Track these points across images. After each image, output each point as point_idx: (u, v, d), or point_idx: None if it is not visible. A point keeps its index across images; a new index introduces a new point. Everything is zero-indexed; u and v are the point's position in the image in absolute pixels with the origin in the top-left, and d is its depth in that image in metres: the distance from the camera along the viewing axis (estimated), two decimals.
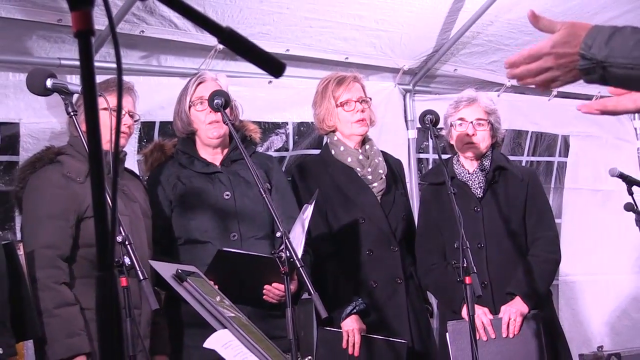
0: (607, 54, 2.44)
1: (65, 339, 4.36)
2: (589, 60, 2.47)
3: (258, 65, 2.10)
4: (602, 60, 2.45)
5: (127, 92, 4.83)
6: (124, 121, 4.78)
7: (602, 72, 2.48)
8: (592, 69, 2.48)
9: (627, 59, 2.41)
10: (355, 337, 5.17)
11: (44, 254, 4.45)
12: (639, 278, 8.37)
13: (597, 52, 2.46)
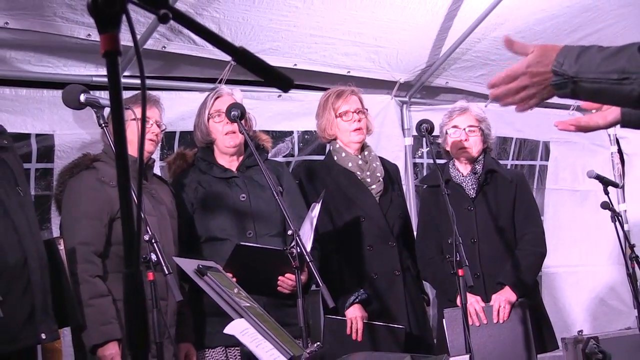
0: (577, 70, 2.47)
1: (99, 327, 4.38)
2: (561, 76, 2.50)
3: (269, 82, 2.10)
4: (573, 75, 2.48)
5: (154, 104, 4.85)
6: (152, 130, 4.81)
7: (573, 86, 2.50)
8: (564, 84, 2.51)
9: (595, 73, 2.44)
10: (359, 324, 5.19)
11: (81, 250, 4.49)
12: (614, 269, 8.36)
13: (568, 69, 2.49)
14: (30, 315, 4.07)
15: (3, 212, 4.08)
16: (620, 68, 2.42)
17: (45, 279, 4.23)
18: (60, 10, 5.17)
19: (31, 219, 4.28)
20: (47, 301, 4.21)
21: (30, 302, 4.07)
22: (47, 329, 4.17)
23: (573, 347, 8.01)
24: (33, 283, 4.11)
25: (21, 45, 5.32)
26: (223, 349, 4.84)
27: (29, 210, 4.32)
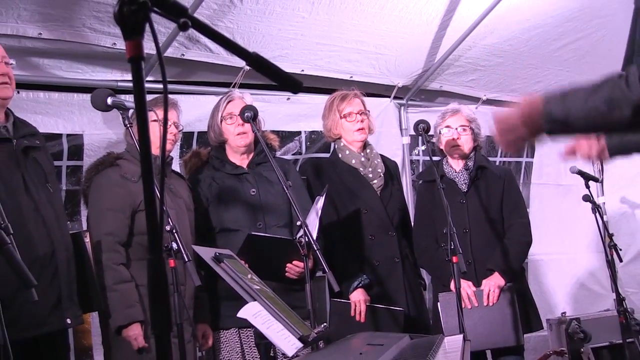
0: (567, 113, 2.49)
1: (123, 309, 4.41)
2: (553, 121, 2.52)
3: (280, 84, 2.10)
4: (564, 118, 2.50)
5: (173, 107, 4.87)
6: (170, 130, 4.82)
7: (565, 128, 2.55)
8: (556, 127, 2.55)
9: (584, 110, 2.46)
10: (362, 306, 5.21)
11: (106, 240, 4.51)
12: (594, 256, 8.35)
13: (558, 113, 2.51)
14: (57, 302, 4.10)
15: (34, 207, 4.09)
16: (606, 98, 2.43)
17: (71, 269, 4.26)
18: (88, 21, 5.19)
19: (59, 214, 4.31)
20: (72, 289, 4.24)
21: (57, 290, 4.10)
22: (72, 314, 4.21)
23: (557, 327, 8.03)
24: (60, 273, 4.14)
25: (53, 53, 5.33)
26: (236, 330, 4.83)
27: (57, 205, 4.34)
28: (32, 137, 4.31)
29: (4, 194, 3.91)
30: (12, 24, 4.95)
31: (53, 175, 4.47)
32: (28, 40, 5.06)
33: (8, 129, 4.16)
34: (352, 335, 3.97)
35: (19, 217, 3.95)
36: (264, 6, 5.73)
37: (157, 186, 1.93)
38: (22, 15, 4.95)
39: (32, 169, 4.19)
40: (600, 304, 8.62)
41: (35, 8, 4.94)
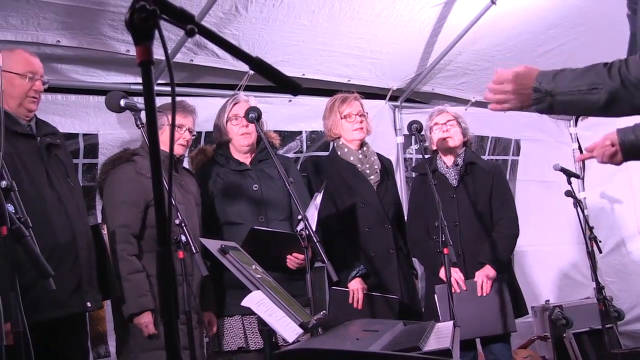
0: (554, 87, 2.59)
1: (135, 298, 4.41)
2: (541, 92, 2.61)
3: (281, 86, 2.09)
4: (550, 90, 2.59)
5: (190, 113, 4.88)
6: (184, 136, 4.82)
7: (550, 99, 2.61)
8: (543, 99, 2.62)
9: (568, 87, 2.55)
10: (359, 294, 5.20)
11: (120, 232, 4.51)
12: (575, 248, 8.36)
13: (547, 86, 2.60)
14: (78, 287, 4.13)
15: (57, 198, 4.16)
16: (589, 81, 2.52)
17: (91, 256, 4.30)
18: (104, 29, 5.20)
19: (80, 205, 4.36)
20: (92, 275, 4.28)
21: (78, 275, 4.13)
22: (92, 298, 4.24)
23: (541, 314, 8.04)
24: (80, 259, 4.17)
25: (71, 59, 5.33)
26: (240, 317, 4.82)
27: (78, 197, 4.37)
28: (53, 135, 4.40)
29: (29, 186, 3.98)
30: (32, 32, 4.95)
31: (72, 170, 4.52)
32: (47, 47, 5.06)
33: (32, 127, 4.27)
34: (350, 322, 3.95)
35: (43, 208, 4.03)
36: (267, 15, 5.72)
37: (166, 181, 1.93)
38: (41, 24, 4.95)
39: (54, 164, 4.28)
40: (581, 292, 8.64)
41: (54, 17, 4.94)
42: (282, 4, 5.70)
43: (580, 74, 2.55)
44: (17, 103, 4.18)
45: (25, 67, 4.22)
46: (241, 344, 4.81)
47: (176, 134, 4.58)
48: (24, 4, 4.75)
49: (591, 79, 2.51)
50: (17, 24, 4.86)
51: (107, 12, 5.05)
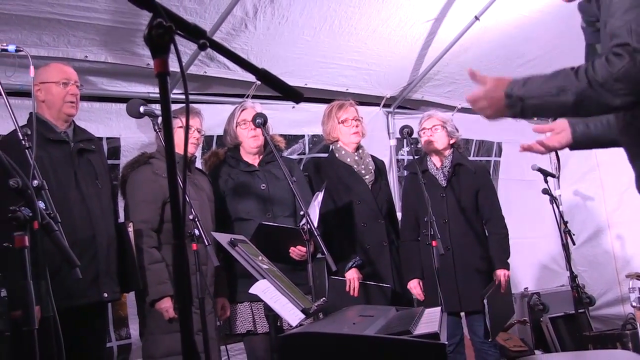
0: (524, 92, 2.57)
1: (156, 286, 4.44)
2: (512, 98, 2.59)
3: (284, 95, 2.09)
4: (521, 96, 2.57)
5: (197, 115, 4.89)
6: (194, 135, 4.83)
7: (521, 104, 2.59)
8: (515, 104, 2.60)
9: (538, 92, 2.54)
10: (355, 283, 5.19)
11: (140, 227, 4.53)
12: (551, 240, 8.33)
13: (517, 92, 2.58)
14: (95, 279, 4.17)
15: (81, 199, 4.20)
16: (557, 85, 2.49)
17: (111, 253, 4.32)
18: (126, 46, 5.22)
19: (104, 206, 4.38)
20: (111, 269, 4.31)
21: (96, 269, 4.17)
22: (110, 290, 4.27)
23: (520, 300, 8.06)
24: (99, 255, 4.21)
25: (97, 72, 5.34)
26: (249, 304, 4.83)
27: (104, 199, 4.39)
28: (88, 141, 4.46)
29: (56, 187, 3.99)
30: (63, 48, 4.97)
31: (104, 174, 4.52)
32: (76, 62, 5.05)
33: (68, 134, 4.33)
34: (347, 308, 3.95)
35: (66, 207, 4.05)
36: (274, 31, 5.73)
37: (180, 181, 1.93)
38: (71, 41, 4.97)
39: (84, 167, 4.32)
40: (556, 281, 8.65)
41: (82, 34, 4.96)
42: (287, 21, 5.71)
43: (549, 78, 2.53)
44: (57, 109, 4.28)
45: (59, 75, 4.31)
46: (250, 327, 4.81)
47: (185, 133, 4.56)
48: (55, 23, 4.77)
49: (559, 82, 2.50)
50: (50, 41, 4.87)
51: (129, 29, 5.06)
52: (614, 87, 2.39)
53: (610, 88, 2.40)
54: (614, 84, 2.38)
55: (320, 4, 5.74)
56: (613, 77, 2.38)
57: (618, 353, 4.81)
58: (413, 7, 6.21)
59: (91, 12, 4.84)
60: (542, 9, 6.71)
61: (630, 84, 2.37)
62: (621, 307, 8.56)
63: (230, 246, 3.65)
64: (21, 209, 2.53)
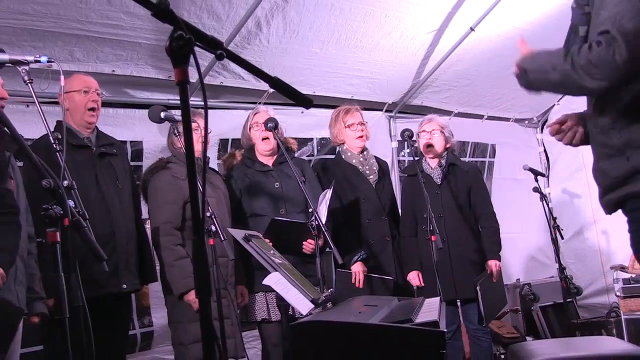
0: (528, 66, 2.66)
1: (182, 280, 4.42)
2: (521, 70, 2.69)
3: (295, 101, 2.09)
4: (526, 69, 2.67)
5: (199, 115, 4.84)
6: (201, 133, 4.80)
7: (526, 77, 2.67)
8: (523, 75, 2.69)
9: (537, 67, 2.63)
10: (360, 275, 5.19)
11: (165, 227, 4.53)
12: (542, 235, 8.32)
13: (525, 64, 2.68)
14: (115, 271, 4.18)
15: (101, 198, 4.23)
16: (552, 62, 2.57)
17: (130, 247, 4.33)
18: (149, 60, 5.25)
19: (124, 205, 4.39)
20: (130, 263, 4.32)
21: (115, 262, 4.16)
22: (129, 282, 4.29)
23: (513, 291, 8.05)
24: (118, 249, 4.22)
25: (122, 83, 5.37)
26: (263, 294, 4.82)
27: (123, 198, 4.39)
28: (110, 146, 4.47)
29: (78, 188, 3.91)
30: (92, 63, 5.00)
31: (124, 176, 4.51)
32: (104, 75, 5.10)
33: (91, 139, 4.36)
34: (353, 298, 3.95)
35: (88, 206, 3.96)
36: (285, 44, 5.75)
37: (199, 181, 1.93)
38: (99, 57, 5.00)
39: (105, 170, 4.33)
40: (546, 272, 8.64)
41: (109, 50, 4.99)
42: (298, 35, 5.72)
43: (549, 55, 2.61)
44: (79, 117, 4.31)
45: (80, 84, 4.34)
46: (265, 315, 4.81)
47: (195, 135, 4.53)
48: (84, 40, 4.80)
49: (554, 60, 2.56)
50: (80, 56, 4.90)
51: (151, 45, 5.08)
52: (590, 71, 2.43)
53: (588, 71, 2.44)
54: (591, 68, 2.43)
55: (327, 19, 5.75)
56: (591, 62, 2.42)
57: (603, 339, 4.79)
58: (413, 21, 6.24)
59: (117, 29, 4.86)
60: (532, 21, 6.73)
61: (604, 69, 2.41)
62: (606, 296, 8.57)
63: (244, 241, 3.66)
64: (53, 207, 2.56)
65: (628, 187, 2.56)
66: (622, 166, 2.56)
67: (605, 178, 2.66)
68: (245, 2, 5.18)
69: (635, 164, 2.52)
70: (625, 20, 2.39)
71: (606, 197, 2.67)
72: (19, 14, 4.36)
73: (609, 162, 2.62)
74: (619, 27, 2.39)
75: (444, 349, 2.52)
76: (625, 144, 2.55)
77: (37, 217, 3.57)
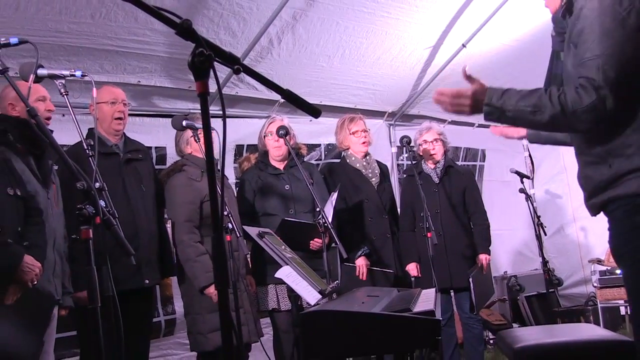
0: (502, 104, 2.58)
1: (204, 274, 4.38)
2: (491, 106, 2.60)
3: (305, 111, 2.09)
4: (500, 106, 2.58)
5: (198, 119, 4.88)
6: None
7: (499, 114, 2.60)
8: (493, 112, 2.61)
9: (515, 107, 2.55)
10: (364, 269, 5.19)
11: (185, 225, 4.48)
12: (527, 231, 8.33)
13: (496, 102, 2.59)
14: (138, 269, 4.18)
15: (127, 200, 4.23)
16: (533, 104, 2.51)
17: (152, 246, 4.32)
18: (172, 73, 5.25)
19: (148, 207, 4.37)
20: (152, 260, 4.31)
21: (138, 260, 4.13)
22: (151, 277, 4.29)
23: (501, 282, 8.04)
24: (141, 248, 4.19)
25: (147, 93, 5.37)
26: (274, 286, 4.80)
27: (147, 201, 4.38)
28: (135, 152, 4.45)
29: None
30: (120, 75, 5.00)
31: (148, 179, 4.50)
32: (130, 86, 5.12)
33: (119, 146, 4.36)
34: (356, 289, 3.94)
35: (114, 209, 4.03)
36: (294, 59, 5.75)
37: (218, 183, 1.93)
38: (127, 69, 5.01)
39: (130, 174, 4.33)
40: (531, 265, 8.63)
41: (136, 64, 5.00)
42: (306, 50, 5.74)
43: (525, 96, 2.54)
44: (107, 125, 4.30)
45: (108, 95, 4.33)
46: (275, 305, 4.79)
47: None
48: (113, 54, 4.82)
49: (535, 102, 2.51)
50: (109, 69, 4.91)
51: (173, 59, 5.09)
52: (582, 118, 2.45)
53: (579, 118, 2.46)
54: (583, 115, 2.44)
55: (333, 36, 5.76)
56: (582, 110, 2.44)
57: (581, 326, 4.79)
58: (411, 38, 6.26)
59: (143, 45, 4.87)
60: (519, 38, 6.79)
61: (595, 117, 2.44)
62: (584, 287, 8.71)
63: (258, 237, 3.65)
64: (86, 207, 2.58)
65: (610, 191, 2.58)
66: (605, 172, 2.59)
67: (589, 183, 2.68)
68: (257, 20, 5.19)
69: (617, 170, 2.54)
70: (608, 67, 2.41)
71: (591, 200, 2.69)
72: (56, 32, 4.39)
73: (593, 169, 2.64)
74: (604, 77, 2.41)
75: (439, 335, 2.53)
76: (607, 153, 2.57)
77: (71, 216, 3.59)
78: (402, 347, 2.65)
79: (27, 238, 3.34)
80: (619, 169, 2.53)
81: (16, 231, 3.27)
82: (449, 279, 5.48)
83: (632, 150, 2.50)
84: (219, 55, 1.84)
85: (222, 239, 1.85)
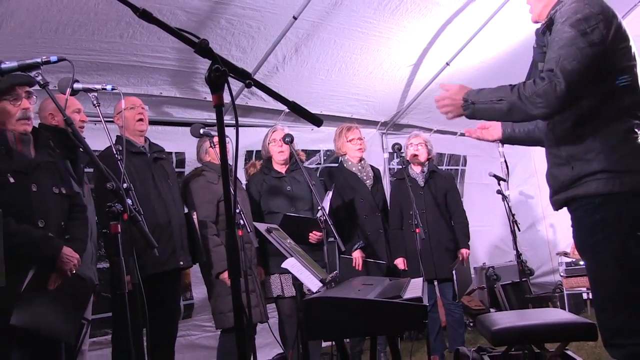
0: (476, 99, 2.66)
1: (219, 262, 4.45)
2: (467, 102, 2.67)
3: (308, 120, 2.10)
4: (474, 101, 2.66)
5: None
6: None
7: (473, 107, 2.67)
8: (468, 107, 2.68)
9: (484, 99, 2.64)
10: (359, 261, 5.18)
11: (204, 221, 4.53)
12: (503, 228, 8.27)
13: (472, 97, 2.67)
14: (172, 252, 4.17)
15: (158, 194, 4.21)
16: (498, 95, 2.60)
17: (183, 233, 4.31)
18: (190, 84, 5.27)
19: (175, 199, 4.37)
20: (184, 245, 4.29)
21: (172, 244, 4.17)
22: (184, 259, 4.27)
23: (479, 272, 8.03)
24: (174, 235, 4.21)
25: (168, 103, 5.37)
26: (278, 275, 4.81)
27: (174, 194, 4.38)
28: (159, 152, 4.46)
29: (140, 187, 4.03)
30: (144, 87, 5.03)
31: (172, 175, 4.52)
32: (154, 97, 5.14)
33: (145, 147, 4.35)
34: (353, 279, 3.94)
35: (148, 200, 4.10)
36: (297, 73, 5.77)
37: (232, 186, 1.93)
38: (150, 81, 5.03)
39: (158, 171, 4.32)
40: (506, 257, 8.63)
41: (158, 77, 5.03)
42: (307, 65, 5.75)
43: (494, 90, 2.62)
44: (132, 128, 4.29)
45: (128, 103, 4.33)
46: (279, 292, 4.80)
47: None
48: (138, 69, 4.84)
49: (500, 93, 2.59)
50: (135, 82, 4.94)
51: (192, 72, 5.12)
52: (535, 101, 2.50)
53: (532, 101, 2.50)
54: (535, 98, 2.49)
55: (331, 52, 5.78)
56: (535, 93, 2.49)
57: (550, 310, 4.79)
58: (399, 54, 6.27)
59: (164, 60, 4.90)
60: (497, 56, 6.80)
61: (546, 100, 2.48)
62: (552, 276, 8.79)
63: (267, 233, 3.65)
64: (115, 205, 2.60)
65: (572, 190, 2.63)
66: (568, 173, 2.64)
67: (555, 181, 2.73)
68: (265, 39, 5.22)
69: (578, 172, 2.60)
70: (566, 62, 2.48)
71: (555, 197, 2.74)
72: (89, 50, 4.44)
73: (558, 169, 2.69)
74: (561, 67, 2.47)
75: (426, 319, 2.54)
76: (570, 156, 2.63)
77: (102, 213, 3.69)
78: (394, 330, 2.70)
79: (70, 232, 3.34)
80: (580, 171, 2.59)
81: (59, 226, 3.28)
82: (434, 271, 5.50)
83: (591, 155, 2.57)
84: (232, 70, 1.85)
85: (234, 233, 1.86)
